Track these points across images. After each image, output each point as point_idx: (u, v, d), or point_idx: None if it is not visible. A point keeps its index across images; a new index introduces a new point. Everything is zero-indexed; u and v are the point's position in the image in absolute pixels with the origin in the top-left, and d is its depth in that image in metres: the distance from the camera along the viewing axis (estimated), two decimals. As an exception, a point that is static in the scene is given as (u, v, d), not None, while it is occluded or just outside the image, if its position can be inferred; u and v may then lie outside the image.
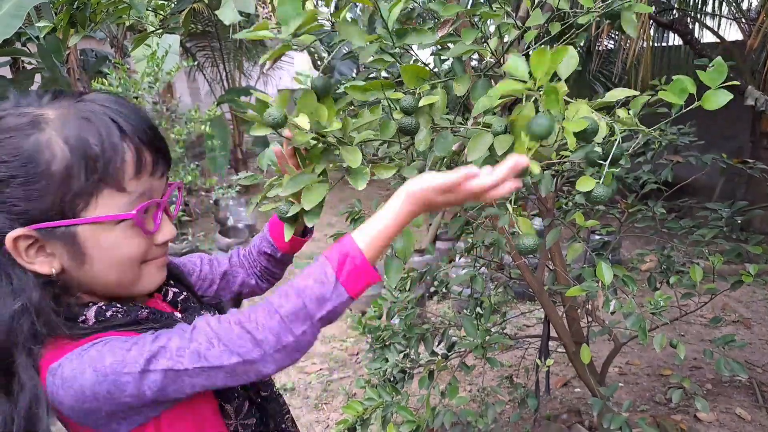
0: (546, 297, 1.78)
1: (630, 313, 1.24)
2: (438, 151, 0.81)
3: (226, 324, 0.64)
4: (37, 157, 0.60)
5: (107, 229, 0.65)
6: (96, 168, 0.62)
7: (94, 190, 0.62)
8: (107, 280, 0.68)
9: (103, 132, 0.62)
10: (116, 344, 0.62)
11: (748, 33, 5.43)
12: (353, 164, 0.75)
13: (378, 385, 1.82)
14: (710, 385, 2.78)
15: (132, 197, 0.65)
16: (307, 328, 0.65)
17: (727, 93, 0.73)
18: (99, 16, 1.32)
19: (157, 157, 0.67)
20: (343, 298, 0.66)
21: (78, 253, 0.65)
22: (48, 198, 0.61)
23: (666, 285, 1.89)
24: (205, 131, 4.99)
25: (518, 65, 0.70)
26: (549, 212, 1.63)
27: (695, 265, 1.62)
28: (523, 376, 2.72)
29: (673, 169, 1.97)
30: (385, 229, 0.69)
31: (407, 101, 0.81)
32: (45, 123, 0.62)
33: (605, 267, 1.18)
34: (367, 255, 0.67)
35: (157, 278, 0.73)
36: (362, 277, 0.67)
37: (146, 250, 0.69)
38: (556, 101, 0.67)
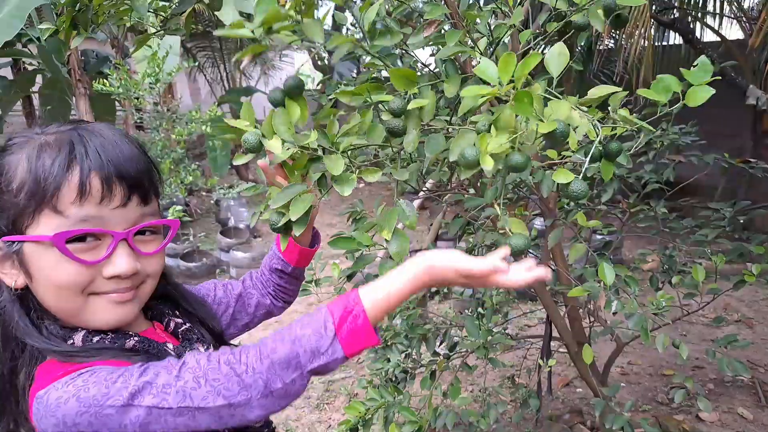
0: (548, 297, 1.78)
1: (632, 313, 1.24)
2: (429, 152, 0.81)
3: (215, 363, 0.63)
4: (6, 174, 0.65)
5: (44, 250, 0.64)
6: (39, 188, 0.63)
7: (36, 209, 0.64)
8: (49, 303, 0.67)
9: (56, 156, 0.64)
10: (103, 374, 0.61)
11: (749, 32, 5.42)
12: (335, 172, 0.75)
13: (380, 386, 1.82)
14: (712, 384, 2.77)
15: (69, 221, 0.64)
16: (297, 377, 0.63)
17: (709, 89, 0.73)
18: (101, 17, 1.32)
19: (117, 188, 0.66)
20: (338, 355, 0.64)
21: (26, 271, 0.66)
22: (7, 212, 0.65)
23: (668, 285, 1.89)
24: (206, 132, 5.00)
25: (488, 69, 0.70)
26: (551, 212, 1.63)
27: (697, 264, 1.62)
28: (524, 377, 2.72)
29: (675, 169, 1.97)
30: (395, 293, 0.68)
31: (396, 103, 0.81)
32: (27, 146, 0.66)
33: (607, 268, 1.18)
34: (370, 316, 0.65)
35: (111, 315, 0.69)
36: (361, 339, 0.65)
37: (86, 281, 0.66)
38: (529, 105, 0.67)
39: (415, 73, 0.80)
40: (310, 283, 1.70)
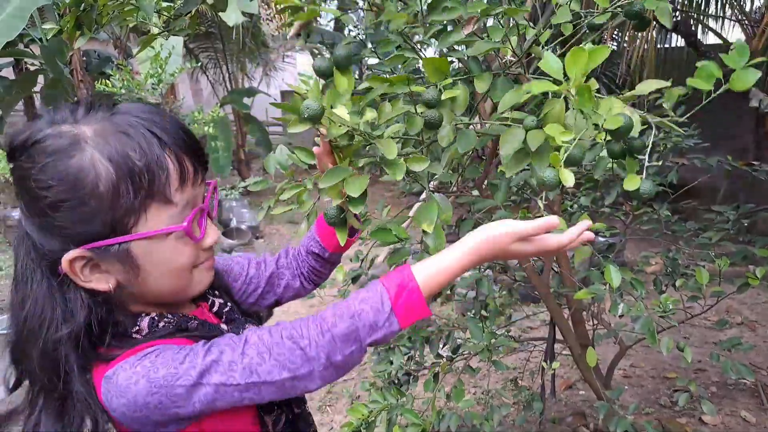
0: (552, 300, 1.78)
1: (638, 316, 1.23)
2: (461, 148, 0.81)
3: (278, 337, 0.65)
4: (83, 179, 0.60)
5: (158, 242, 0.66)
6: (142, 184, 0.62)
7: (142, 205, 0.63)
8: (161, 290, 0.69)
9: (144, 146, 0.62)
10: (170, 355, 0.63)
11: (751, 35, 5.41)
12: (390, 156, 0.74)
13: (383, 388, 1.81)
14: (715, 387, 2.77)
15: (179, 208, 0.66)
16: (355, 350, 0.66)
17: (755, 71, 0.70)
18: (105, 18, 1.31)
19: (197, 164, 0.68)
20: (394, 328, 0.67)
21: (132, 268, 0.66)
22: (99, 218, 0.62)
23: (671, 288, 1.89)
24: (208, 132, 5.00)
25: (552, 63, 0.69)
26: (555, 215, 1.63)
27: (701, 267, 1.61)
28: (527, 379, 2.71)
29: (678, 172, 1.96)
30: (447, 268, 0.69)
31: (430, 93, 0.80)
32: (84, 142, 0.61)
33: (614, 270, 1.17)
34: (424, 290, 0.68)
35: (207, 279, 0.74)
36: (415, 312, 0.68)
37: (196, 257, 0.70)
38: (590, 99, 0.66)
39: (447, 62, 0.79)
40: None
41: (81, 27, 1.24)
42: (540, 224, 0.68)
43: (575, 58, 0.66)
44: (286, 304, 1.02)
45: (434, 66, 0.80)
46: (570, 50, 0.67)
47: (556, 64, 0.69)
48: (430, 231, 0.80)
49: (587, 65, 0.66)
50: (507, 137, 0.75)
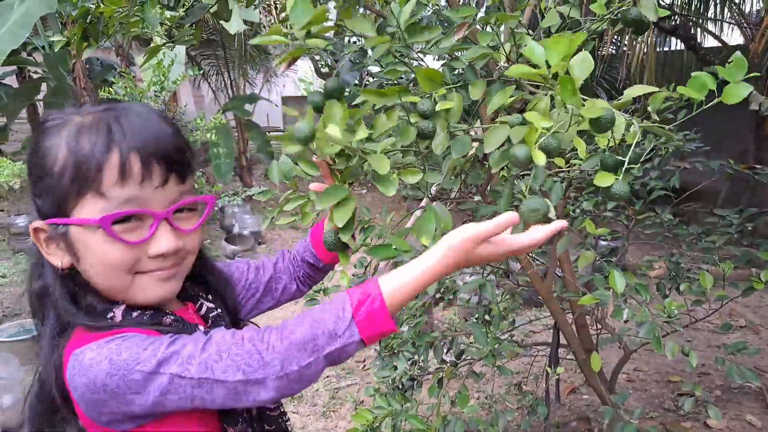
0: (556, 304, 1.78)
1: (644, 321, 1.24)
2: (455, 153, 0.82)
3: (239, 339, 0.65)
4: (45, 157, 0.66)
5: (90, 232, 0.66)
6: (81, 170, 0.64)
7: (79, 192, 0.65)
8: (98, 283, 0.70)
9: (95, 138, 0.65)
10: (136, 341, 0.64)
11: (750, 37, 5.43)
12: (381, 171, 0.75)
13: (387, 393, 1.82)
14: (719, 391, 2.76)
15: (112, 203, 0.65)
16: (312, 362, 0.64)
17: (747, 86, 0.72)
18: (111, 29, 1.33)
19: (156, 168, 0.66)
20: (354, 338, 0.65)
21: (72, 252, 0.68)
22: (51, 196, 0.67)
23: (675, 292, 1.89)
24: (210, 139, 5.02)
25: (535, 50, 0.70)
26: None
27: (705, 272, 1.62)
28: (531, 383, 2.71)
29: (680, 175, 1.97)
30: (415, 280, 0.68)
31: (425, 105, 0.81)
32: (65, 128, 0.67)
33: (618, 276, 1.18)
34: (388, 302, 0.66)
35: (157, 292, 0.71)
36: (377, 323, 0.66)
37: (133, 260, 0.68)
38: (572, 92, 0.66)
39: (440, 73, 0.80)
40: (318, 292, 1.70)
41: (88, 38, 1.25)
42: (498, 222, 0.67)
43: (555, 43, 0.67)
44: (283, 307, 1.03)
45: (427, 76, 0.81)
46: (552, 36, 0.68)
47: (539, 51, 0.70)
48: (428, 244, 0.80)
49: (568, 50, 0.67)
50: (491, 136, 0.76)
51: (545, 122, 0.69)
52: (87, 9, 1.14)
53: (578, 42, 0.68)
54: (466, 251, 0.68)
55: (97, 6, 1.13)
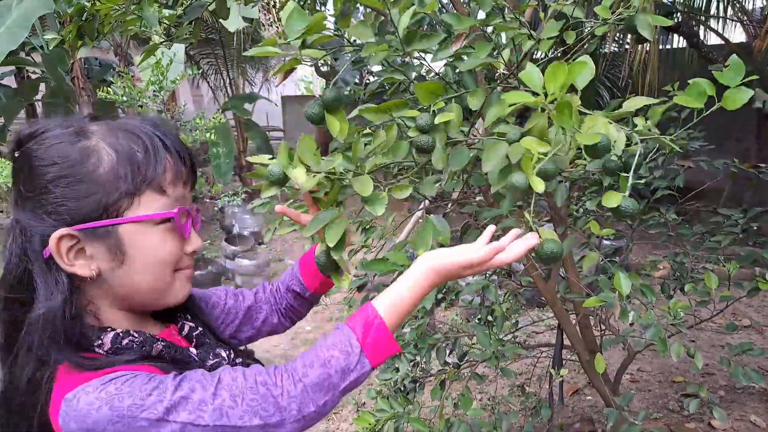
0: (559, 306, 1.76)
1: (649, 324, 1.22)
2: (454, 166, 0.80)
3: (252, 382, 0.64)
4: (85, 160, 0.64)
5: (148, 228, 0.67)
6: (140, 171, 0.65)
7: (137, 190, 0.66)
8: (141, 284, 0.69)
9: (148, 141, 0.67)
10: (137, 383, 0.60)
11: (753, 34, 5.40)
12: (364, 193, 0.76)
13: (389, 396, 1.80)
14: (723, 392, 2.74)
15: (170, 201, 0.68)
16: (329, 399, 0.66)
17: (747, 90, 0.71)
18: (107, 27, 1.31)
19: (189, 171, 0.72)
20: (366, 369, 0.68)
21: (118, 253, 0.66)
22: (93, 198, 0.64)
23: (680, 292, 1.87)
24: (210, 139, 4.99)
25: (533, 76, 0.69)
26: (562, 220, 1.61)
27: (710, 272, 1.60)
28: (534, 384, 2.69)
29: (690, 183, 1.94)
30: (407, 300, 0.71)
31: (423, 120, 0.80)
32: (91, 133, 0.67)
33: (623, 278, 1.15)
34: (388, 325, 0.69)
35: (185, 290, 0.74)
36: (385, 349, 0.69)
37: (179, 257, 0.71)
38: (569, 116, 0.66)
39: (440, 86, 0.79)
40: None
41: (83, 36, 1.23)
42: (488, 252, 0.72)
43: (554, 73, 0.66)
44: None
45: (426, 90, 0.80)
46: (551, 65, 0.67)
47: (537, 77, 0.69)
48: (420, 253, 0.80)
49: (566, 80, 0.66)
50: (489, 153, 0.76)
51: (542, 147, 0.68)
52: (82, 6, 1.12)
53: (579, 71, 0.67)
54: (453, 273, 0.73)
55: (92, 3, 1.11)
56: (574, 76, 0.67)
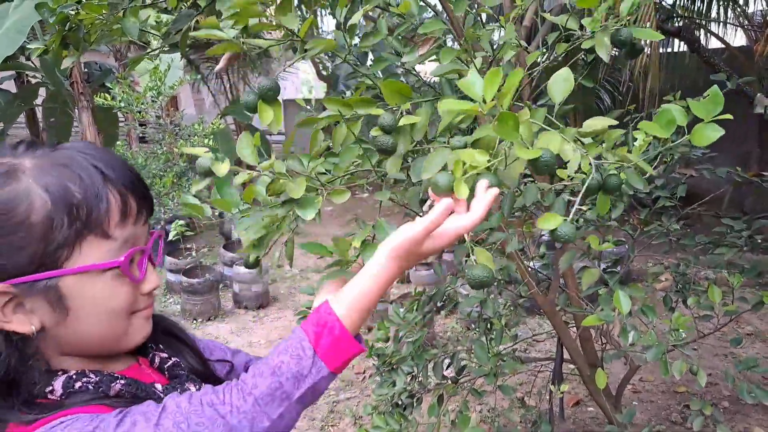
0: (559, 319, 1.72)
1: (650, 345, 1.18)
2: (414, 176, 0.77)
3: (197, 405, 0.58)
4: (15, 208, 0.56)
5: (92, 279, 0.60)
6: (79, 215, 0.58)
7: (77, 238, 0.58)
8: (91, 337, 0.62)
9: (86, 178, 0.59)
10: (78, 426, 0.56)
11: (753, 38, 5.37)
12: (295, 195, 0.72)
13: (385, 412, 1.76)
14: (727, 402, 2.70)
15: (117, 244, 0.61)
16: (284, 411, 0.60)
17: (718, 129, 0.67)
18: (93, 36, 1.27)
19: (141, 204, 0.64)
20: (323, 373, 0.61)
21: (61, 308, 0.60)
22: (28, 250, 0.57)
23: (682, 304, 1.83)
24: (209, 144, 4.97)
25: (474, 84, 0.65)
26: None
27: (713, 285, 1.56)
28: (535, 397, 2.65)
29: (690, 187, 1.90)
30: (364, 293, 0.65)
31: (386, 119, 0.76)
32: (21, 172, 0.58)
33: (623, 296, 1.12)
34: (346, 323, 0.63)
35: (144, 331, 0.68)
36: (343, 350, 0.62)
37: (134, 301, 0.64)
38: (513, 128, 0.61)
39: (408, 87, 0.75)
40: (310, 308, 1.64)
41: (68, 46, 1.20)
42: (437, 213, 0.63)
43: (491, 79, 0.62)
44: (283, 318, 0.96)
45: (393, 89, 0.76)
46: (489, 71, 0.63)
47: (477, 84, 0.65)
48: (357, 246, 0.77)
49: (508, 87, 0.63)
50: (431, 160, 0.71)
51: (481, 156, 0.64)
52: (66, 15, 1.08)
53: (515, 79, 0.63)
54: (409, 252, 0.65)
55: (76, 13, 1.07)
56: (513, 84, 0.63)
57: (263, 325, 4.00)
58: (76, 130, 7.45)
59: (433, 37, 0.82)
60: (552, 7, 1.66)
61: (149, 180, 4.68)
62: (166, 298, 4.55)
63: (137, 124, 5.23)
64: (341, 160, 0.80)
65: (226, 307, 4.30)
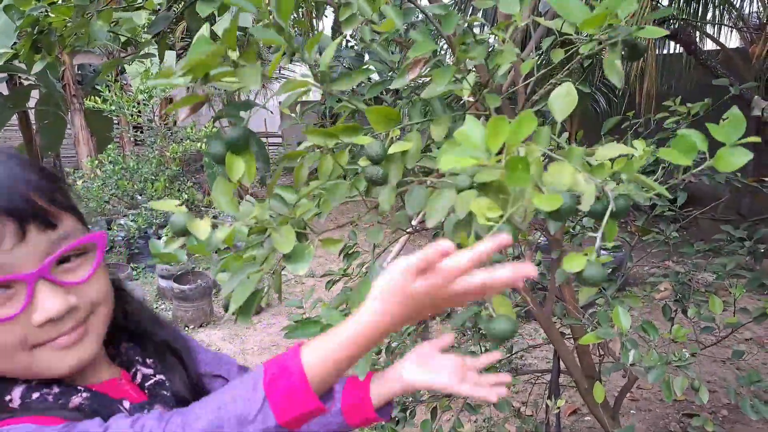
0: (555, 331, 1.67)
1: (652, 366, 1.13)
2: (410, 209, 0.70)
3: (138, 429, 0.53)
4: None
5: None
6: None
7: None
8: (2, 370, 0.57)
9: None
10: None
11: (749, 40, 5.35)
12: (284, 249, 0.65)
13: (376, 427, 1.70)
14: (726, 411, 2.65)
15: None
16: None
17: (746, 152, 0.60)
18: (67, 39, 1.22)
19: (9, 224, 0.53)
20: (268, 424, 0.53)
21: None
22: None
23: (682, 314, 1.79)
24: (203, 150, 4.91)
25: (472, 134, 0.55)
26: (557, 243, 1.52)
27: (713, 296, 1.51)
28: (531, 406, 2.59)
29: (687, 189, 1.86)
30: (346, 344, 0.55)
31: (373, 148, 0.70)
32: None
33: (623, 312, 1.07)
34: (310, 375, 0.54)
35: (65, 362, 0.59)
36: (297, 402, 0.54)
37: (19, 337, 0.56)
38: (525, 172, 0.52)
39: (396, 112, 0.69)
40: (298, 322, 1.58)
41: (40, 50, 1.14)
42: (430, 251, 0.52)
43: (495, 130, 0.53)
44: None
45: (379, 114, 0.69)
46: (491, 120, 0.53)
47: (477, 135, 0.55)
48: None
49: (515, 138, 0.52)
50: (434, 205, 0.63)
51: (493, 213, 0.55)
52: (34, 18, 1.03)
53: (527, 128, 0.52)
54: (402, 288, 0.52)
55: (45, 16, 1.02)
56: (522, 133, 0.52)
57: (256, 332, 3.94)
58: (69, 133, 7.38)
59: (422, 59, 0.76)
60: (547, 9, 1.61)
61: (140, 184, 4.62)
62: (158, 304, 4.49)
63: (131, 127, 5.16)
64: (330, 198, 0.74)
65: (218, 313, 4.23)
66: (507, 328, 0.60)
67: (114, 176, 4.53)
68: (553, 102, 0.64)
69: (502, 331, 0.60)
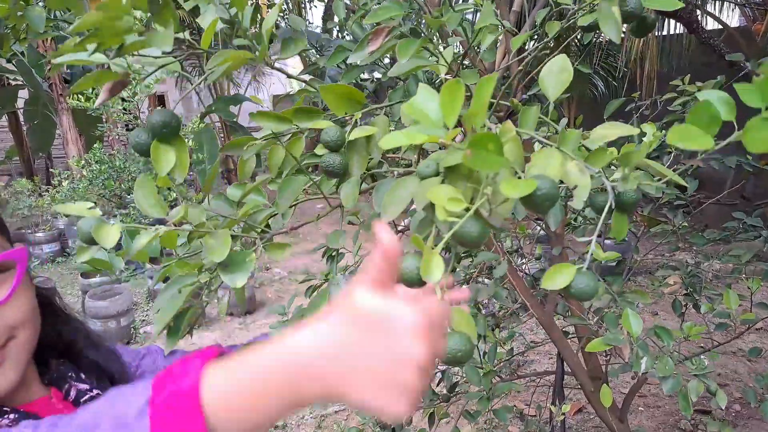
0: (558, 332, 1.56)
1: (667, 376, 1.02)
2: (377, 206, 0.57)
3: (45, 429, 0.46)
4: None
5: None
6: None
7: None
8: None
9: None
10: None
11: (752, 18, 5.20)
12: (216, 258, 0.53)
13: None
14: (738, 405, 2.55)
15: None
16: None
17: None
18: (22, 33, 1.11)
19: None
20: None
21: None
22: None
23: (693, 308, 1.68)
24: (191, 145, 4.79)
25: (426, 105, 0.44)
26: (558, 238, 1.41)
27: (729, 289, 1.40)
28: (534, 405, 2.49)
29: (696, 176, 1.74)
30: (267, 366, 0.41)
31: (331, 134, 0.59)
32: None
33: (632, 315, 0.96)
34: (208, 390, 0.41)
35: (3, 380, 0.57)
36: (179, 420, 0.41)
37: None
38: (495, 154, 0.40)
39: (360, 92, 0.58)
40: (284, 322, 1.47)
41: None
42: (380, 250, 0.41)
43: (449, 97, 0.41)
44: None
45: (337, 94, 0.58)
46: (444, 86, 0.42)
47: (431, 106, 0.43)
48: None
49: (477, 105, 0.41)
50: (390, 198, 0.50)
51: (456, 205, 0.41)
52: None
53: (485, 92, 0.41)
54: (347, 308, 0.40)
55: (-16, 7, 0.90)
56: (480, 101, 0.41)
57: (249, 332, 3.84)
58: (58, 133, 7.26)
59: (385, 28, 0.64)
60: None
61: (128, 183, 4.51)
62: (149, 306, 4.39)
63: (117, 125, 5.04)
64: (280, 196, 0.62)
65: (211, 314, 4.13)
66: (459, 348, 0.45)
67: (101, 176, 4.42)
68: (544, 78, 0.52)
69: (454, 351, 0.45)
